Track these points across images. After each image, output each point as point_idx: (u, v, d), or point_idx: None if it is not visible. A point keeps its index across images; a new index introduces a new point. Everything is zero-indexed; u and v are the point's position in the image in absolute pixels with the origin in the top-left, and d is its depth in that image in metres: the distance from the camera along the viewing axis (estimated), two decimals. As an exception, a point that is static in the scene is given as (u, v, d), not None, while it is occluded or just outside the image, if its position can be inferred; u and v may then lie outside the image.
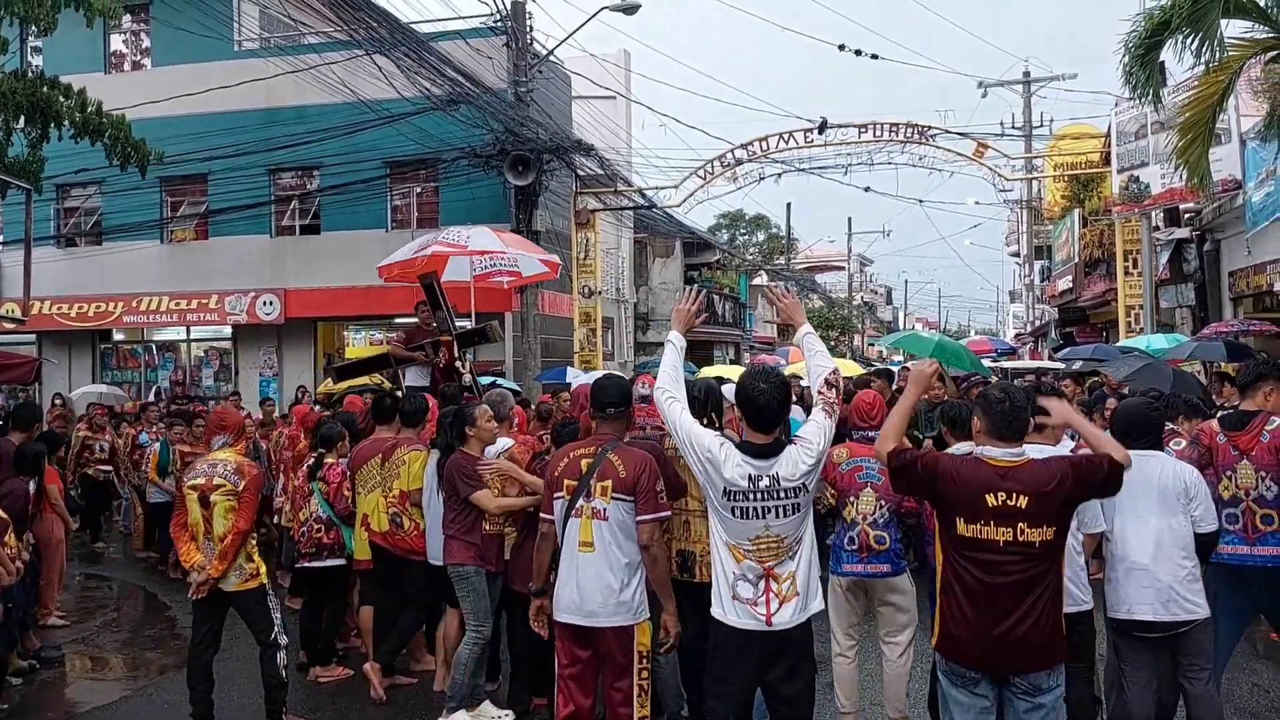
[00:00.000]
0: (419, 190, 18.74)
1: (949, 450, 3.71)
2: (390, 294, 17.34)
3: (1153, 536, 4.17)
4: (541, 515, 4.38)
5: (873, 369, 12.85)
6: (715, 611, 3.78)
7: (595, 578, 4.16)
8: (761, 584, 3.66)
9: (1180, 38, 10.72)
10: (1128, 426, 4.36)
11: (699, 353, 28.30)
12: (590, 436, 4.51)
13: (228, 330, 19.61)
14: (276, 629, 5.31)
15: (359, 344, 20.44)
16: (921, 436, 8.00)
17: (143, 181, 13.72)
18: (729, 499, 3.66)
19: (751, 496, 3.62)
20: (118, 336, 20.76)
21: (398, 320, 19.66)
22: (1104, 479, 3.51)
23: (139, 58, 20.14)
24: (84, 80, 11.39)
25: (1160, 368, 9.69)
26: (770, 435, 3.70)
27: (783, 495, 3.62)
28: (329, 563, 6.56)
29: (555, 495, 4.28)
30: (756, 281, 39.08)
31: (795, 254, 49.62)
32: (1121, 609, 4.23)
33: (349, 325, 19.60)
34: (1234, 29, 11.30)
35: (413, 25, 16.57)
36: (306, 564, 6.62)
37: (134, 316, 19.35)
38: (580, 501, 4.20)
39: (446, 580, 5.57)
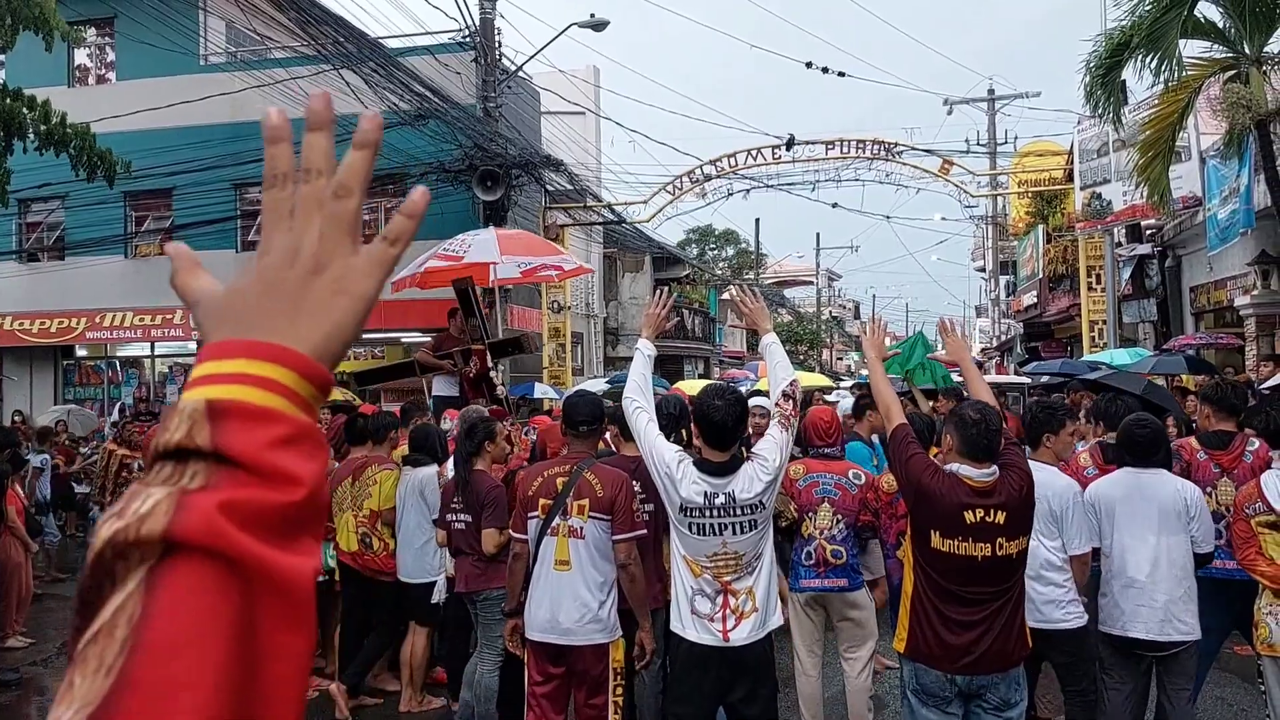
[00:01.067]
0: (387, 205, 18.66)
1: (933, 460, 3.75)
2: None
3: (1150, 555, 4.21)
4: (514, 535, 4.35)
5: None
6: (674, 626, 3.78)
7: (572, 596, 4.14)
8: (719, 599, 3.66)
9: (1140, 57, 10.96)
10: (1133, 446, 4.39)
11: (669, 367, 28.33)
12: (563, 455, 4.50)
13: (193, 346, 19.36)
14: None
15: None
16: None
17: (107, 196, 13.55)
18: (686, 515, 3.66)
19: (708, 513, 3.63)
20: (81, 353, 20.46)
21: (365, 335, 19.56)
22: None
23: (103, 71, 19.93)
24: (47, 94, 11.24)
25: (1133, 376, 9.82)
26: (726, 453, 3.71)
27: (739, 512, 3.62)
28: None
29: (530, 515, 4.25)
30: (726, 296, 39.21)
31: (764, 269, 49.86)
32: (1116, 625, 4.26)
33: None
34: (1193, 49, 11.56)
35: (381, 40, 16.53)
36: None
37: (97, 332, 19.08)
38: (556, 520, 4.18)
39: (415, 600, 5.51)
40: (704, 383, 16.14)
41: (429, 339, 19.40)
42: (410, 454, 6.14)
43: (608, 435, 5.08)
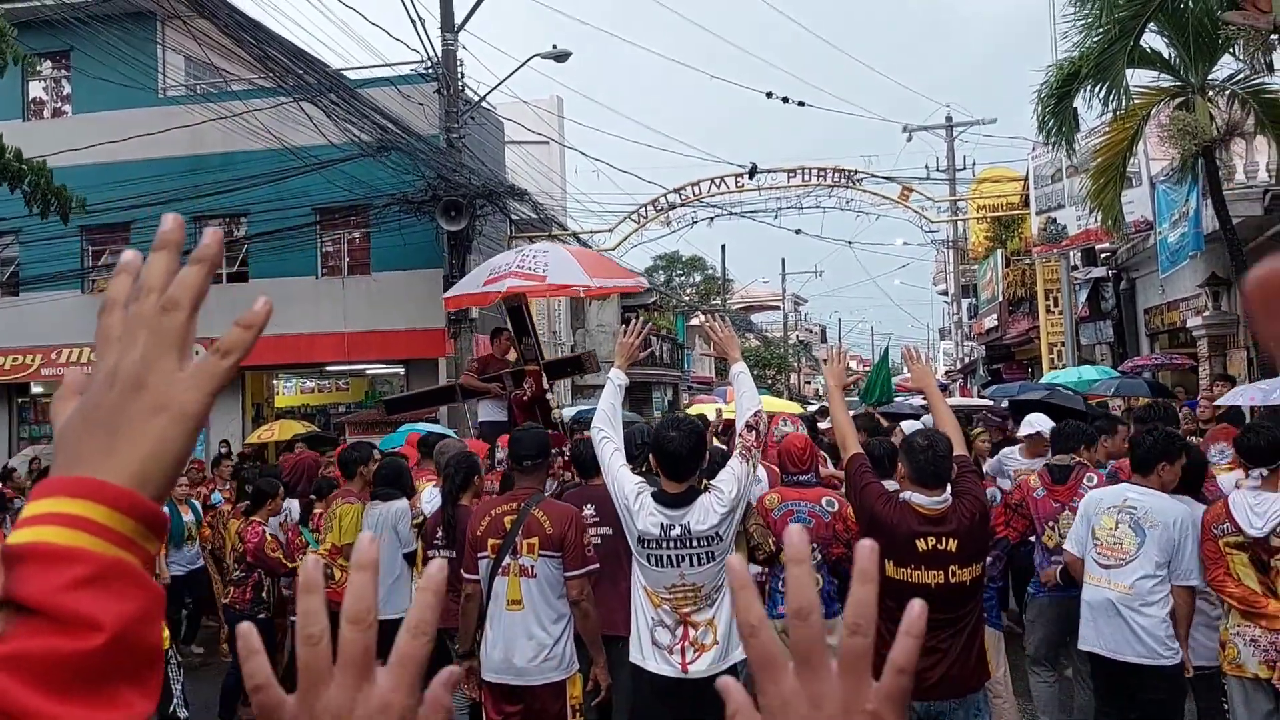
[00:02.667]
0: (350, 236, 18.59)
1: (885, 487, 3.79)
2: (321, 342, 17.13)
3: None
4: (465, 576, 4.32)
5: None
6: (633, 657, 3.77)
7: (526, 635, 4.11)
8: (679, 631, 3.66)
9: (1090, 87, 11.19)
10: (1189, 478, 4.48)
11: (637, 394, 28.34)
12: (509, 492, 4.47)
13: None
14: (175, 701, 5.22)
15: (289, 393, 20.10)
16: None
17: (63, 230, 13.40)
18: (644, 546, 3.67)
19: (664, 545, 3.63)
20: (36, 390, 20.10)
21: (329, 368, 19.41)
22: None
23: (59, 105, 19.75)
24: (1, 128, 11.14)
25: (1070, 396, 9.95)
26: (683, 484, 3.71)
27: (695, 544, 3.62)
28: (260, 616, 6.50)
29: (479, 555, 4.22)
30: (694, 322, 39.34)
31: (731, 294, 50.10)
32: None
33: (279, 374, 19.26)
34: (1140, 78, 11.84)
35: (342, 72, 16.53)
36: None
37: (53, 369, 18.77)
38: (507, 560, 4.16)
39: (384, 636, 5.45)
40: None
41: (398, 369, 19.46)
42: (379, 488, 6.13)
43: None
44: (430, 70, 16.56)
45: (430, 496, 5.79)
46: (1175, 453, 4.52)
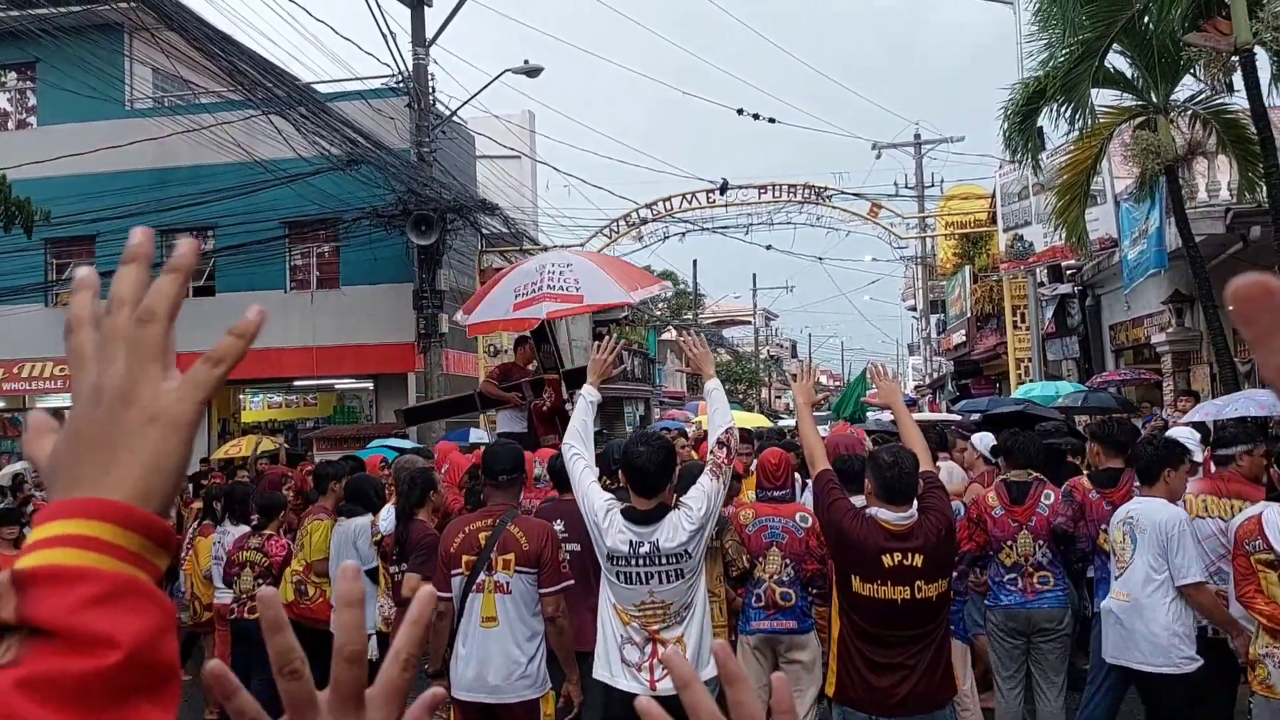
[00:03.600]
0: (320, 250, 18.47)
1: (852, 503, 3.81)
2: (289, 356, 16.98)
3: None
4: (439, 594, 4.28)
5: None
6: (599, 674, 3.75)
7: (500, 653, 4.09)
8: (648, 648, 3.64)
9: (1055, 106, 11.36)
10: None
11: (609, 409, 28.30)
12: (484, 508, 4.45)
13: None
14: None
15: (256, 408, 19.90)
16: None
17: (26, 243, 13.22)
18: (613, 564, 3.66)
19: (633, 562, 3.62)
20: (-2, 404, 19.79)
21: (297, 383, 19.23)
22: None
23: (24, 116, 19.51)
24: (-37, 140, 10.98)
25: (1045, 409, 10.07)
26: (652, 500, 3.70)
27: (664, 562, 3.62)
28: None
29: (453, 572, 4.19)
30: (665, 337, 39.37)
31: (703, 309, 50.22)
32: None
33: (246, 389, 19.07)
34: (1104, 98, 12.03)
35: (312, 86, 16.45)
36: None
37: (15, 384, 18.47)
38: (482, 576, 4.13)
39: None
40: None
41: (367, 384, 19.32)
42: (344, 504, 6.12)
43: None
44: (401, 84, 16.53)
45: (387, 514, 5.77)
46: (1178, 459, 4.58)
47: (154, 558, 0.60)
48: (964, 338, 25.15)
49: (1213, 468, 5.23)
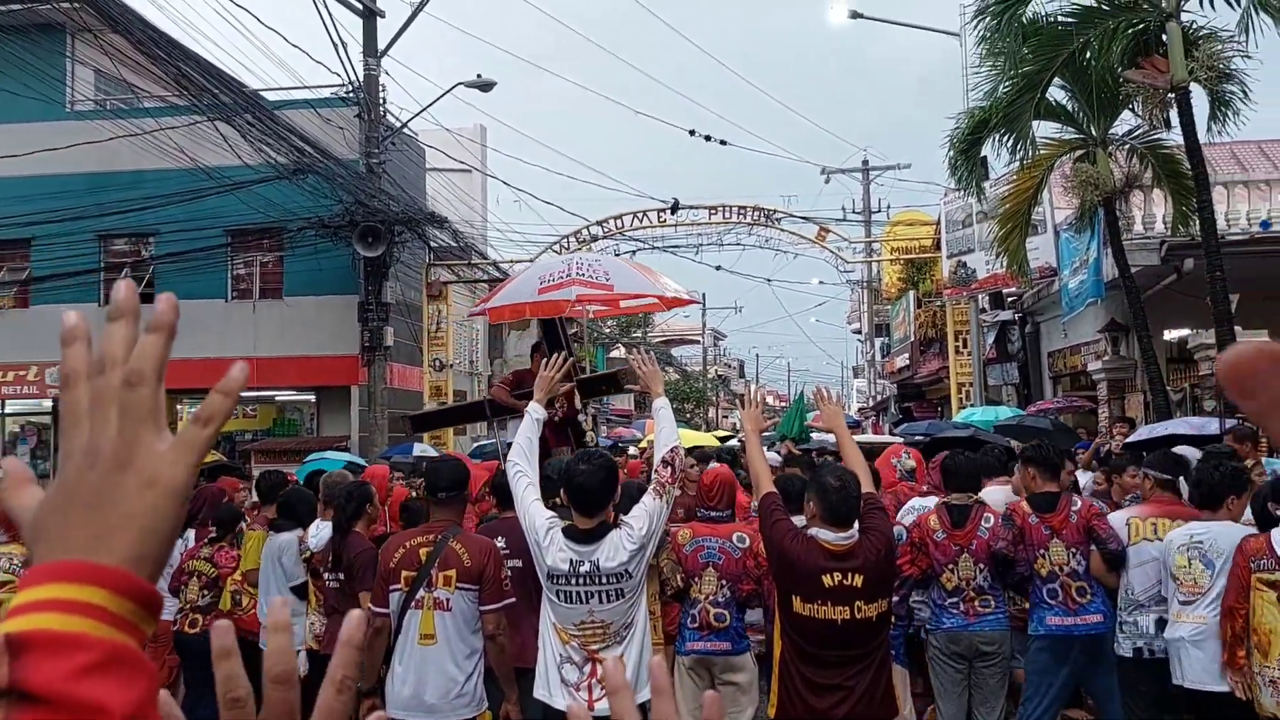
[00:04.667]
0: (263, 260, 18.19)
1: (794, 524, 3.85)
2: (227, 367, 16.61)
3: None
4: (374, 609, 4.21)
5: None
6: (539, 693, 3.72)
7: (438, 671, 4.03)
8: (587, 668, 3.62)
9: (998, 136, 11.61)
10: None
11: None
12: (425, 524, 4.40)
13: (48, 404, 18.35)
14: None
15: (194, 418, 19.46)
16: None
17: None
18: (553, 583, 3.63)
19: (573, 581, 3.59)
20: (-75, 409, 19.16)
21: (241, 395, 18.81)
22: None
23: (-41, 115, 18.98)
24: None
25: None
26: (593, 519, 3.68)
27: (604, 581, 3.60)
28: None
29: (391, 587, 4.13)
30: (614, 354, 39.37)
31: (651, 328, 50.34)
32: None
33: (184, 399, 18.64)
34: (1046, 129, 12.33)
35: (259, 93, 16.23)
36: None
37: (-53, 386, 17.92)
38: (421, 592, 4.07)
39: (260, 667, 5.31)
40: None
41: (309, 397, 19.02)
42: (276, 518, 6.06)
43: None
44: (351, 94, 16.39)
45: (316, 530, 5.71)
46: (1243, 486, 4.67)
47: (143, 624, 0.60)
48: (907, 361, 25.51)
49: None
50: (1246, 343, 0.49)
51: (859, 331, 41.46)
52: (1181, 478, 5.20)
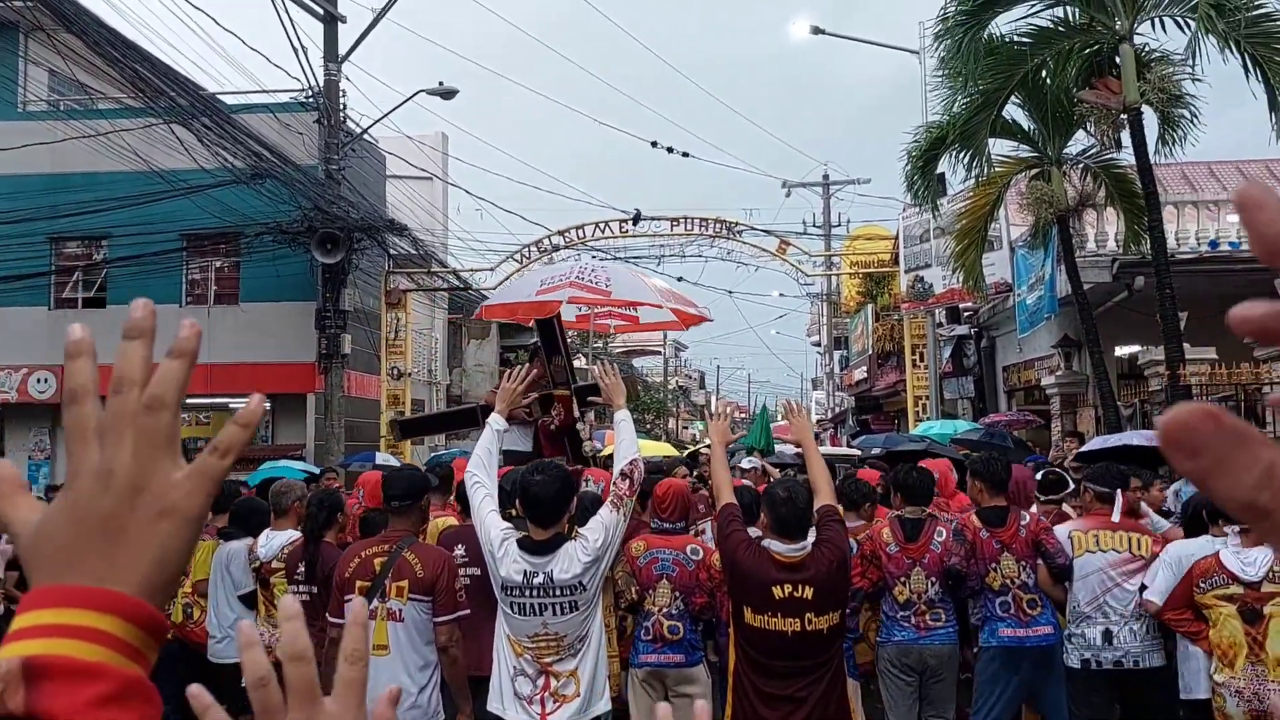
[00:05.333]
0: (219, 265, 17.95)
1: (749, 535, 3.87)
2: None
3: None
4: (331, 619, 4.16)
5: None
6: (493, 706, 3.69)
7: (391, 682, 3.96)
8: (540, 681, 3.60)
9: (955, 152, 11.78)
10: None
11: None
12: (381, 534, 4.36)
13: (-5, 403, 17.95)
14: None
15: (146, 425, 19.15)
16: None
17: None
18: (507, 594, 3.61)
19: (527, 593, 3.57)
20: None
21: (190, 401, 18.55)
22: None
23: (-94, 112, 18.55)
24: None
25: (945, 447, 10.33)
26: (548, 531, 3.66)
27: (558, 593, 3.58)
28: None
29: (347, 597, 4.09)
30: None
31: (613, 339, 50.34)
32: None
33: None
34: (1002, 147, 12.53)
35: (217, 96, 16.04)
36: None
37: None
38: (374, 603, 4.03)
39: (226, 682, 5.20)
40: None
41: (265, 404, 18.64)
42: (226, 527, 5.97)
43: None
44: (311, 100, 16.24)
45: (267, 539, 5.64)
46: None
47: (150, 653, 0.60)
48: (865, 374, 25.73)
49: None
50: (1186, 404, 0.49)
51: (818, 344, 41.78)
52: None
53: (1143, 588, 4.79)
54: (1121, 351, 13.75)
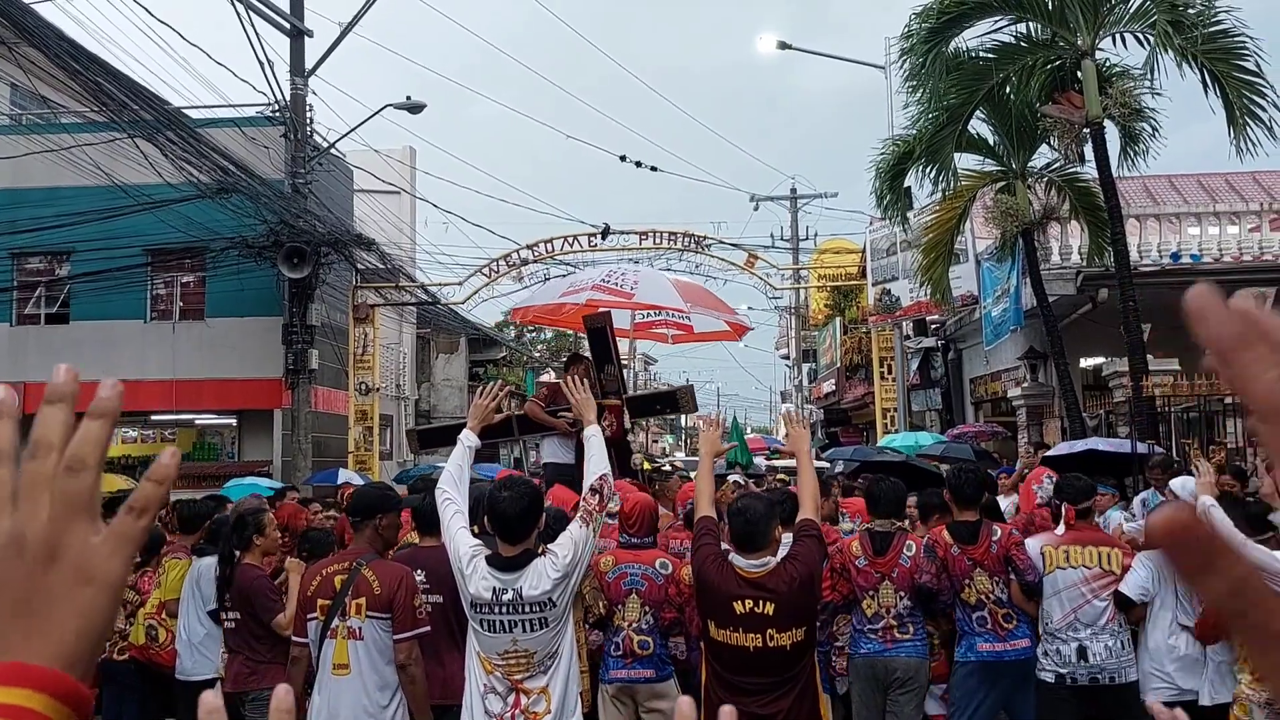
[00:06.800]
0: (184, 280, 17.74)
1: (719, 549, 3.86)
2: (146, 389, 16.18)
3: None
4: (294, 639, 4.11)
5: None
6: None
7: (352, 703, 3.93)
8: (510, 698, 3.56)
9: (922, 167, 11.90)
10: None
11: (484, 450, 27.88)
12: (342, 551, 4.31)
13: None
14: None
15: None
16: None
17: None
18: (476, 611, 3.58)
19: (496, 610, 3.54)
20: None
21: (154, 417, 18.31)
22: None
23: None
24: None
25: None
26: (517, 547, 3.63)
27: (527, 610, 3.54)
28: None
29: (309, 616, 4.04)
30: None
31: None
32: None
33: (98, 422, 18.02)
34: (968, 161, 12.68)
35: (182, 110, 15.87)
36: None
37: None
38: (335, 621, 3.98)
39: (193, 700, 5.14)
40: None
41: (230, 421, 18.56)
42: (201, 544, 5.93)
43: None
44: (277, 114, 16.12)
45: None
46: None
47: None
48: (834, 387, 25.85)
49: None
50: (1175, 511, 0.52)
51: (787, 357, 41.91)
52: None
53: (1125, 600, 4.81)
54: (1086, 363, 13.91)
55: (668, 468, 13.46)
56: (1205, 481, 4.89)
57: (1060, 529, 5.22)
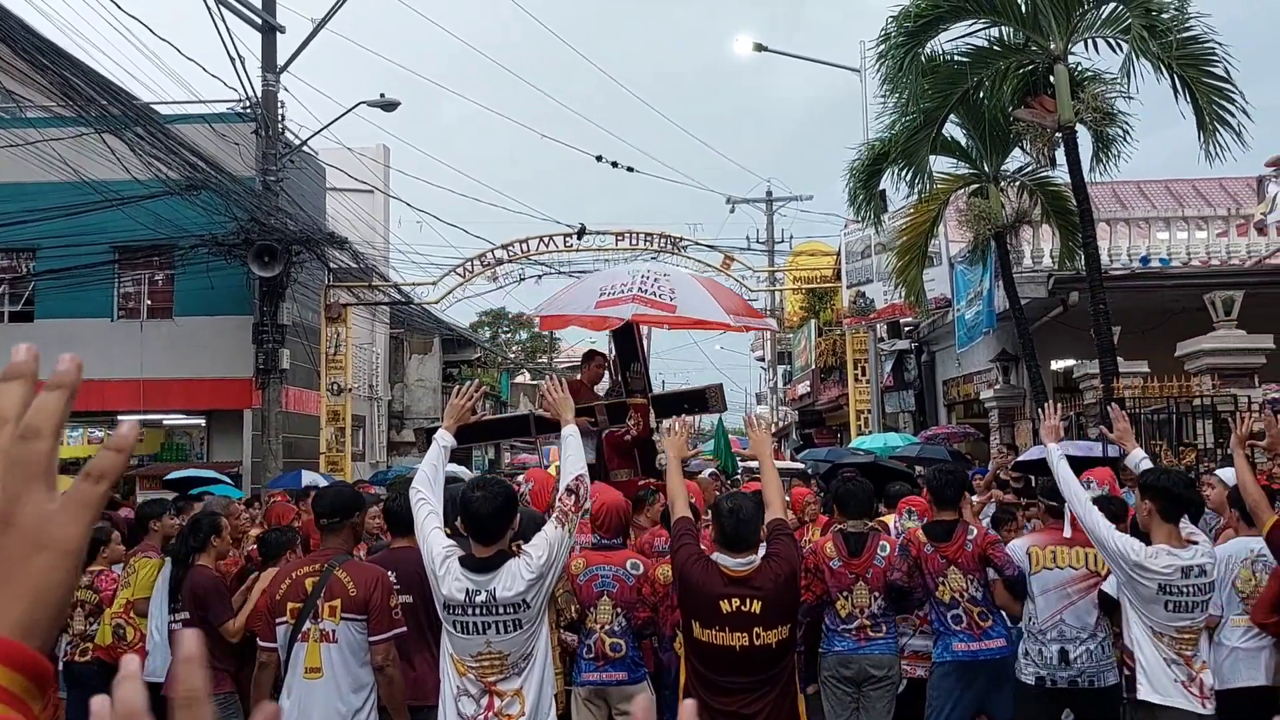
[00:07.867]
0: (152, 278, 17.52)
1: (700, 549, 3.84)
2: (113, 389, 15.96)
3: None
4: (261, 644, 4.03)
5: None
6: None
7: (325, 706, 3.87)
8: (484, 700, 3.52)
9: (897, 169, 11.93)
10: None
11: (459, 451, 27.74)
12: (311, 554, 4.24)
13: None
14: None
15: (75, 443, 18.61)
16: None
17: None
18: (449, 613, 3.53)
19: (469, 611, 3.49)
20: None
21: (121, 417, 18.07)
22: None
23: None
24: None
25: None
26: (490, 548, 3.58)
27: (501, 611, 3.50)
28: None
29: (278, 620, 3.96)
30: (519, 380, 39.07)
31: (558, 353, 50.16)
32: None
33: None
34: (942, 164, 12.73)
35: (151, 106, 15.67)
36: None
37: None
38: (307, 624, 3.91)
39: (158, 701, 5.04)
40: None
41: (199, 421, 18.34)
42: (175, 544, 5.84)
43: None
44: (248, 110, 15.95)
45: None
46: None
47: (32, 700, 0.55)
48: (809, 389, 25.91)
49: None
50: None
51: (762, 359, 42.00)
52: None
53: (1110, 601, 4.81)
54: (1057, 365, 14.01)
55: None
56: (1051, 425, 5.04)
57: (1068, 530, 5.22)
